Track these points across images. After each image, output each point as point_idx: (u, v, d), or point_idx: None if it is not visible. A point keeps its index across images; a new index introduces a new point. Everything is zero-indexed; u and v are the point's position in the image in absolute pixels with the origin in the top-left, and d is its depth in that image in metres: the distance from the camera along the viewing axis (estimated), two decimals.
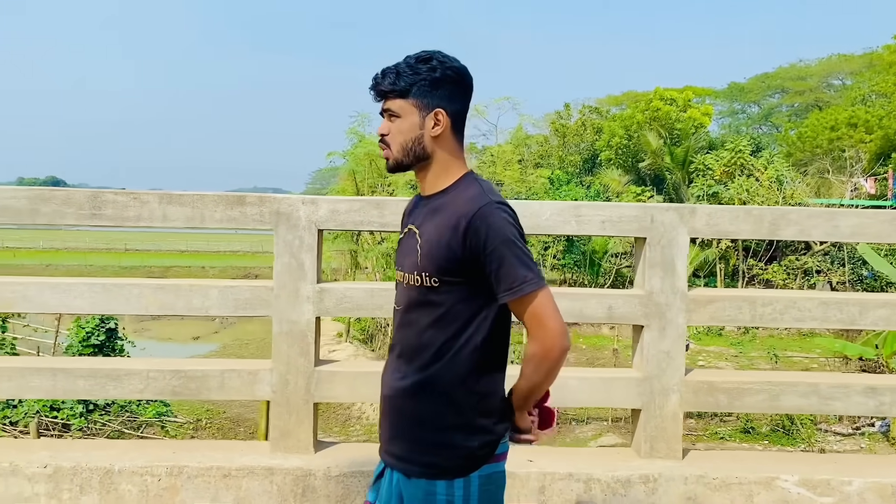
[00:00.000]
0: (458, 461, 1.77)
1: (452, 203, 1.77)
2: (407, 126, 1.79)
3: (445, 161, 1.82)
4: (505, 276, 1.69)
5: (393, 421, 1.86)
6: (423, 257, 1.77)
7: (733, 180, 26.77)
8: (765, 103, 59.51)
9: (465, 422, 1.78)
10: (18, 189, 3.03)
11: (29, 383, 3.06)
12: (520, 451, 3.15)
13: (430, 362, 1.78)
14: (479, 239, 1.69)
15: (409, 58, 1.80)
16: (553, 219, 3.07)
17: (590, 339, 23.21)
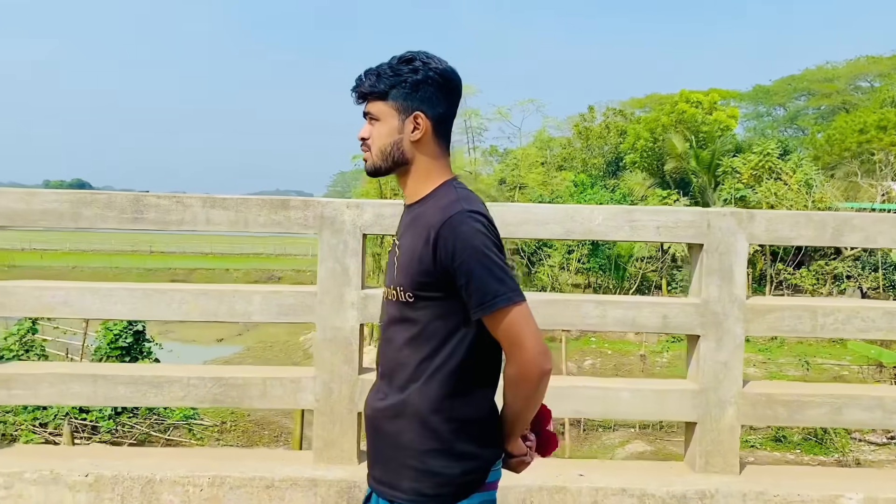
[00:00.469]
0: (442, 489, 1.65)
1: (427, 213, 1.67)
2: (386, 130, 1.70)
3: (426, 167, 1.72)
4: (475, 290, 1.57)
5: (375, 443, 1.76)
6: (399, 271, 1.69)
7: (761, 184, 26.39)
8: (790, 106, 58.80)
9: (445, 448, 1.66)
10: (61, 192, 2.99)
11: (70, 389, 3.02)
12: (571, 466, 3.06)
13: (407, 383, 1.68)
14: (447, 251, 1.58)
15: (393, 59, 1.72)
16: (605, 224, 2.97)
17: (615, 345, 22.97)
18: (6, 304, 3.00)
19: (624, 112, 38.09)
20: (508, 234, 3.01)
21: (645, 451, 13.86)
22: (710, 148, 29.84)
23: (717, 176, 28.17)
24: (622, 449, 14.17)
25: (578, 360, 20.69)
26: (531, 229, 2.99)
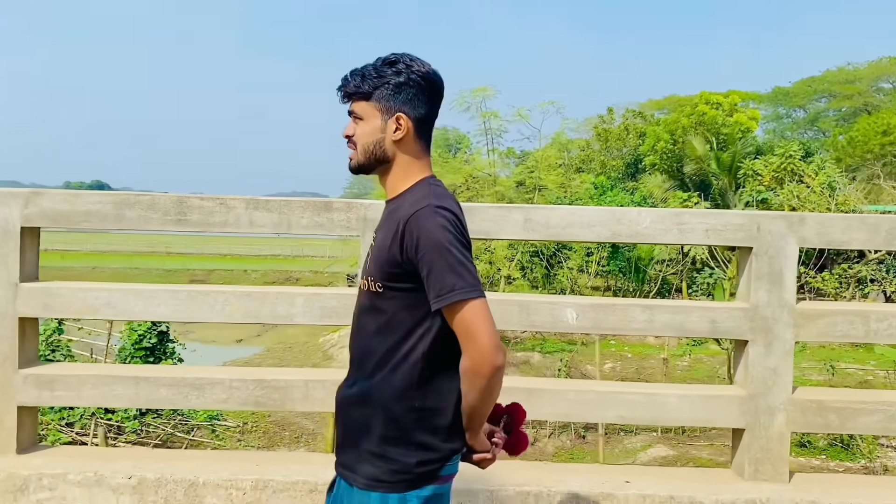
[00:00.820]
0: (396, 476, 1.70)
1: (400, 208, 1.73)
2: (369, 129, 1.77)
3: (406, 165, 1.78)
4: (434, 283, 1.63)
5: (342, 429, 1.81)
6: (371, 262, 1.77)
7: (783, 186, 26.13)
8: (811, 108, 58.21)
9: (404, 436, 1.71)
10: (104, 194, 2.99)
11: (112, 391, 3.01)
12: (616, 472, 3.01)
13: (373, 371, 1.74)
14: (412, 244, 1.65)
15: (377, 60, 1.78)
16: (653, 227, 2.93)
17: (635, 348, 22.80)
18: (51, 306, 3.01)
19: (643, 114, 37.86)
20: (553, 236, 2.97)
21: (667, 456, 13.74)
22: (730, 150, 29.60)
23: (738, 178, 27.93)
24: (644, 453, 14.05)
25: (599, 364, 20.50)
26: (577, 232, 2.95)
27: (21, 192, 2.99)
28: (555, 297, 3.06)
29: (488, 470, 2.98)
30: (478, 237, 3.01)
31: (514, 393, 2.96)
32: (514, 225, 2.95)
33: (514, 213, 2.96)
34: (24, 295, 2.99)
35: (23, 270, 3.01)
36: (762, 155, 30.06)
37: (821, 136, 53.07)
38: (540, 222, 2.94)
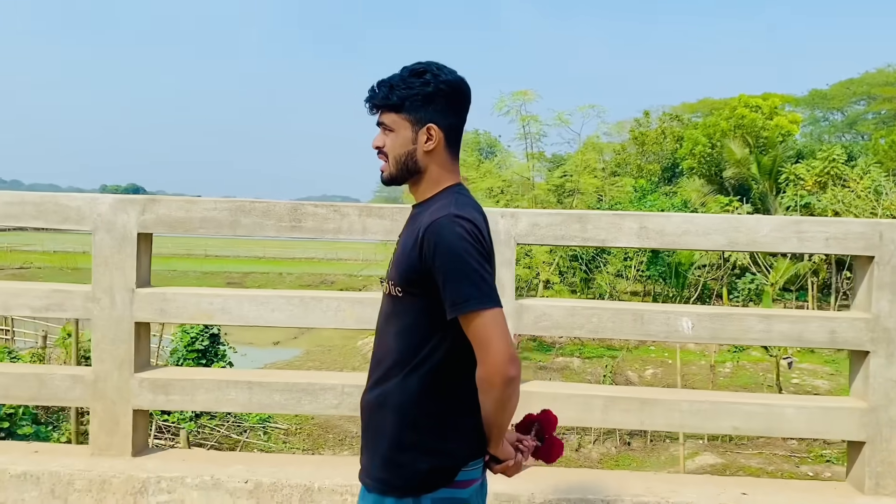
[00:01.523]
0: (408, 481, 1.70)
1: (424, 213, 1.74)
2: (400, 141, 1.76)
3: (437, 175, 1.78)
4: (449, 292, 1.63)
5: (363, 432, 1.82)
6: (393, 266, 1.77)
7: (825, 191, 25.69)
8: (849, 111, 57.20)
9: (418, 442, 1.71)
10: (220, 200, 3.03)
11: (226, 396, 3.04)
12: (731, 484, 2.97)
13: (390, 375, 1.74)
14: (430, 251, 1.64)
15: (404, 70, 1.77)
16: (772, 235, 2.88)
17: (675, 354, 22.52)
18: (167, 311, 3.05)
19: (680, 117, 37.49)
20: (668, 244, 2.95)
21: (716, 464, 13.56)
22: (771, 154, 29.19)
23: (780, 183, 27.51)
24: (691, 461, 13.87)
25: (639, 370, 20.37)
26: (693, 240, 2.92)
27: (138, 199, 3.05)
28: (670, 305, 3.02)
29: (601, 480, 2.97)
30: (590, 244, 2.99)
31: (626, 402, 2.95)
32: (628, 233, 2.93)
33: (627, 222, 2.93)
34: (141, 300, 3.04)
35: (138, 276, 3.06)
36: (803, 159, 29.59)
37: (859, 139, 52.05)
38: (655, 230, 2.92)
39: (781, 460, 13.87)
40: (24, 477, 2.93)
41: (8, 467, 2.94)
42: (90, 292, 3.06)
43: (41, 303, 3.07)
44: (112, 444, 3.06)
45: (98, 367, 3.06)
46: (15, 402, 3.22)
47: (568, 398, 2.98)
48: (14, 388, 3.08)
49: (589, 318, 2.95)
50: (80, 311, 3.08)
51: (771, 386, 18.40)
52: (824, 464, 13.56)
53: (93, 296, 3.05)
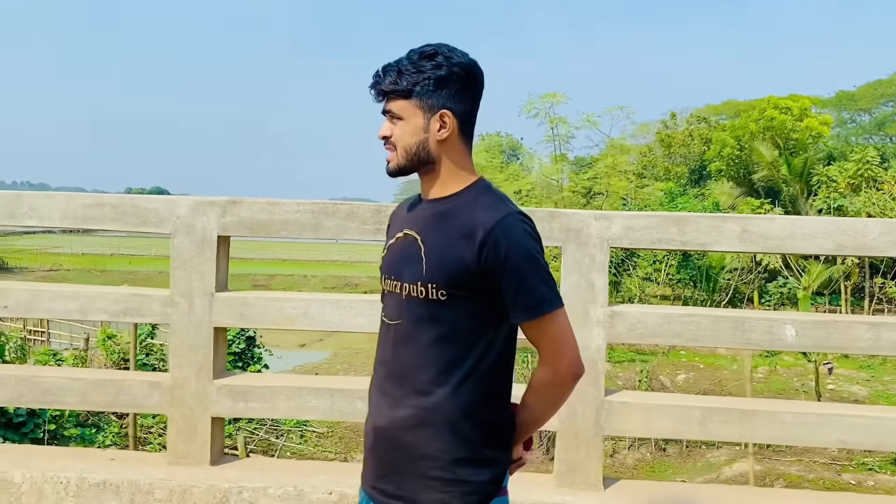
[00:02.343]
0: (470, 498, 1.57)
1: (465, 210, 1.59)
2: (411, 129, 1.61)
3: (453, 164, 1.63)
4: (524, 294, 1.54)
5: (385, 456, 1.64)
6: (431, 267, 1.57)
7: (859, 193, 25.25)
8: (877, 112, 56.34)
9: (474, 455, 1.59)
10: (303, 203, 2.94)
11: (307, 403, 2.96)
12: (850, 500, 2.83)
13: (430, 387, 1.58)
14: (498, 252, 1.52)
15: (412, 53, 1.62)
16: (882, 239, 2.74)
17: (706, 359, 22.27)
18: (247, 316, 2.97)
19: (707, 119, 37.11)
20: (772, 248, 2.82)
21: (755, 471, 13.29)
22: (801, 156, 28.78)
23: (812, 185, 27.10)
24: (728, 468, 13.64)
25: (671, 375, 20.11)
26: (798, 244, 2.79)
27: (219, 202, 2.97)
28: (772, 313, 2.90)
29: (701, 495, 2.85)
30: (688, 248, 2.88)
31: (725, 414, 2.83)
32: (729, 237, 2.80)
33: (729, 224, 2.81)
34: (220, 305, 2.96)
35: (217, 280, 2.98)
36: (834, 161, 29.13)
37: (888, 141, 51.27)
38: (757, 234, 2.79)
39: (822, 468, 13.60)
40: (104, 486, 2.86)
41: (87, 475, 2.88)
42: (168, 297, 2.98)
43: (119, 307, 3.01)
44: (190, 452, 2.99)
45: (176, 374, 2.99)
46: (92, 408, 3.17)
47: (663, 409, 2.86)
48: (92, 393, 3.01)
49: (686, 326, 2.83)
50: (158, 315, 3.01)
51: (807, 392, 18.11)
52: (867, 472, 13.27)
53: (171, 300, 2.98)
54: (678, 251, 19.74)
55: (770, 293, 24.21)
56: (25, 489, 2.87)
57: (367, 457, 1.70)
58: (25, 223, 3.01)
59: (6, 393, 3.03)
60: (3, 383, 3.03)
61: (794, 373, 20.45)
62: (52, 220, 3.00)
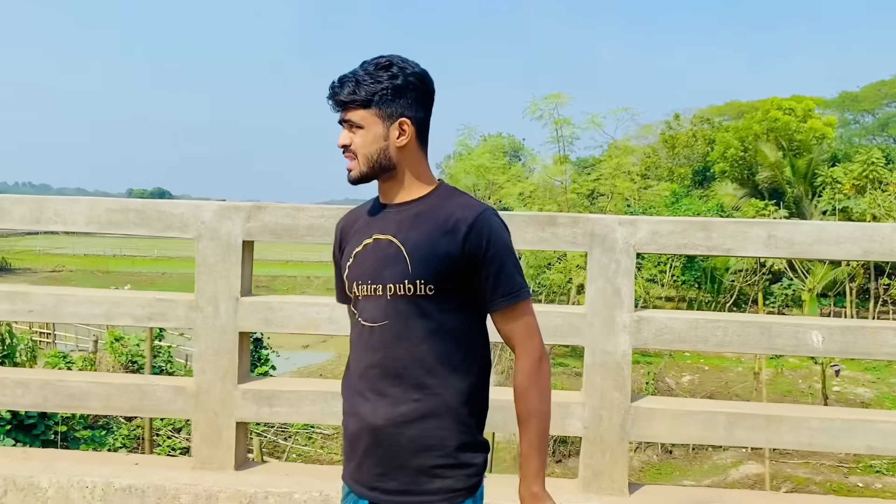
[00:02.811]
0: (471, 480, 1.67)
1: (441, 209, 1.68)
2: (371, 137, 1.67)
3: (413, 169, 1.72)
4: (504, 281, 1.65)
5: (386, 454, 1.67)
6: (416, 264, 1.64)
7: (864, 194, 25.23)
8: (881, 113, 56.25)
9: (473, 439, 1.69)
10: (326, 208, 2.95)
11: (332, 408, 2.95)
12: None
13: (431, 380, 1.65)
14: (480, 242, 1.63)
15: (367, 64, 1.68)
16: None
17: (711, 361, 22.25)
18: (272, 320, 2.98)
19: (710, 120, 37.08)
20: (798, 253, 2.82)
21: (761, 473, 13.28)
22: (806, 157, 28.75)
23: (816, 186, 27.07)
24: (735, 470, 13.62)
25: (676, 376, 20.09)
26: (824, 249, 2.78)
27: (244, 207, 2.97)
28: (799, 318, 2.91)
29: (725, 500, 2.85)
30: (714, 253, 2.87)
31: (752, 419, 2.82)
32: (755, 241, 2.80)
33: (755, 229, 2.80)
34: (245, 309, 2.96)
35: (242, 284, 2.98)
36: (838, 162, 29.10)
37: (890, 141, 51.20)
38: (784, 239, 2.78)
39: (829, 470, 13.58)
40: (130, 490, 2.86)
41: (113, 480, 2.88)
42: (193, 301, 2.99)
43: (144, 312, 3.01)
44: (214, 457, 2.99)
45: (200, 378, 2.99)
46: (116, 412, 3.16)
47: (689, 415, 2.85)
48: (116, 398, 3.01)
49: (713, 332, 2.82)
50: (182, 320, 3.01)
51: (813, 393, 18.08)
52: (874, 475, 13.25)
53: (196, 305, 2.98)
54: (706, 255, 19.81)
55: (775, 295, 24.19)
56: (52, 494, 2.87)
57: (360, 460, 1.72)
58: (50, 227, 3.02)
59: (31, 397, 3.03)
60: (27, 388, 3.03)
61: (800, 375, 20.43)
62: (76, 224, 3.01)
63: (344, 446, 1.81)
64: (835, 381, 19.10)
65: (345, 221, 1.86)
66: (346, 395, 1.79)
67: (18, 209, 3.01)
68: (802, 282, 23.10)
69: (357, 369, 1.74)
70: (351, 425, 1.74)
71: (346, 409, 1.78)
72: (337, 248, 1.86)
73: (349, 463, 1.76)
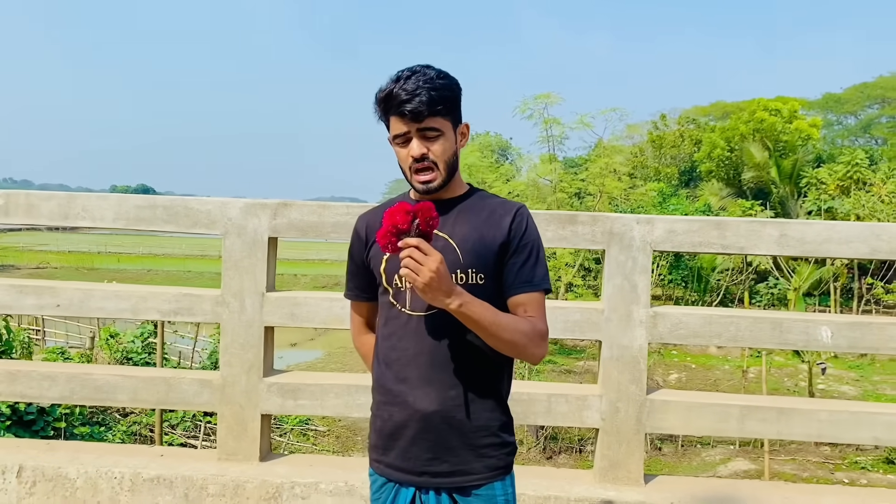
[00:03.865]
0: (509, 458, 1.80)
1: (483, 205, 1.81)
2: (448, 144, 1.75)
3: (458, 171, 1.83)
4: (531, 268, 1.75)
5: (436, 438, 1.74)
6: (467, 255, 1.73)
7: (848, 195, 25.56)
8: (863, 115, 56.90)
9: (509, 419, 1.82)
10: (351, 206, 3.01)
11: (356, 401, 3.03)
12: (867, 495, 2.93)
13: (477, 365, 1.75)
14: (520, 232, 1.75)
15: (426, 74, 1.71)
16: None
17: (697, 359, 22.49)
18: (297, 315, 3.04)
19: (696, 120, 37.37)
20: (809, 252, 2.91)
21: (749, 470, 13.48)
22: (791, 158, 29.06)
23: (802, 187, 27.39)
24: (724, 466, 13.80)
25: (663, 374, 20.31)
26: (834, 248, 2.88)
27: (270, 204, 3.03)
28: (809, 314, 3.00)
29: (737, 490, 2.94)
30: (729, 252, 2.97)
31: (764, 412, 2.92)
32: (768, 240, 2.90)
33: (768, 229, 2.90)
34: (271, 304, 3.02)
35: (268, 280, 3.04)
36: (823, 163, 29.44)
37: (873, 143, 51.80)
38: (795, 237, 2.89)
39: (816, 466, 13.78)
40: (158, 481, 2.92)
41: (140, 471, 2.94)
42: (220, 296, 3.04)
43: (170, 307, 3.06)
44: (240, 448, 3.05)
45: (226, 372, 3.05)
46: (142, 405, 3.20)
47: (703, 407, 2.95)
48: (142, 391, 3.06)
49: (727, 327, 2.92)
50: (209, 315, 3.06)
51: (799, 391, 18.32)
52: (859, 471, 13.47)
53: (222, 300, 3.04)
54: (720, 254, 19.99)
55: (760, 294, 24.46)
56: (80, 484, 2.92)
57: (406, 447, 1.76)
58: (78, 224, 3.07)
59: (58, 390, 3.08)
60: (54, 380, 3.08)
61: (785, 373, 20.69)
62: (104, 220, 3.05)
63: (378, 440, 1.84)
64: (820, 379, 19.37)
65: (369, 218, 1.90)
66: (385, 384, 1.81)
67: (47, 205, 3.05)
68: (788, 281, 23.39)
69: (402, 357, 1.78)
70: (396, 414, 1.78)
71: (386, 399, 1.81)
72: (361, 244, 1.88)
73: (388, 453, 1.80)
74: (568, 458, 14.16)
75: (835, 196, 26.57)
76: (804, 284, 23.15)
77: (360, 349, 2.03)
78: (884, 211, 23.53)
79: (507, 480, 1.78)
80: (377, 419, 1.84)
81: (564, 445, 14.72)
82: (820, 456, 14.06)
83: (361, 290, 1.92)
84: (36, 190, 3.15)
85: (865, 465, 13.66)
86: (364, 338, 1.99)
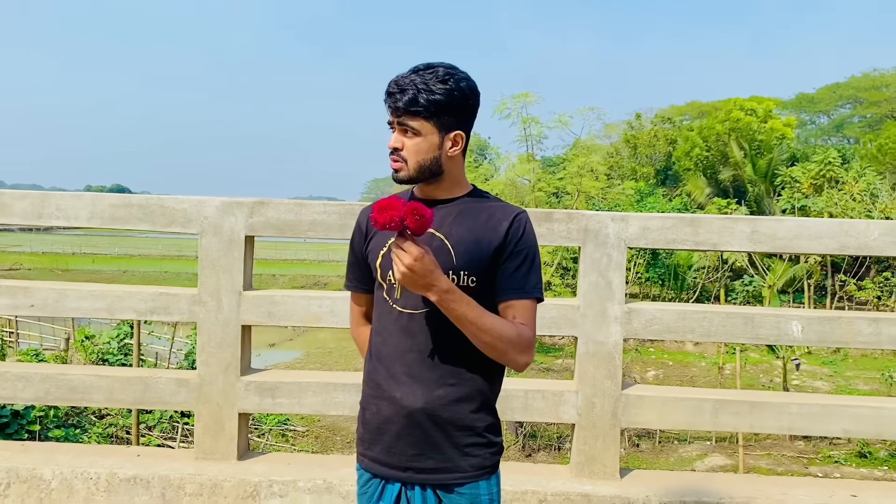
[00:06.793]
0: (495, 457, 1.81)
1: (482, 208, 1.80)
2: (426, 146, 1.73)
3: (457, 175, 1.82)
4: (525, 275, 1.75)
5: (421, 435, 1.76)
6: (461, 256, 1.74)
7: (821, 193, 25.95)
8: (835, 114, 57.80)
9: (496, 420, 1.83)
10: (329, 204, 3.02)
11: (333, 399, 3.04)
12: (838, 486, 2.99)
13: (465, 365, 1.76)
14: (516, 238, 1.75)
15: (427, 74, 1.71)
16: (882, 240, 2.91)
17: (674, 356, 22.72)
18: (275, 314, 3.04)
19: (672, 119, 37.71)
20: (780, 248, 2.97)
21: (725, 465, 13.63)
22: (766, 157, 29.43)
23: (777, 185, 27.75)
24: (701, 462, 13.94)
25: (640, 371, 20.49)
26: (804, 244, 2.94)
27: (246, 202, 3.03)
28: (780, 309, 3.07)
29: (710, 483, 2.99)
30: (701, 248, 3.01)
31: (737, 406, 2.97)
32: (740, 237, 2.95)
33: (739, 225, 2.96)
34: (248, 303, 3.02)
35: (245, 279, 3.04)
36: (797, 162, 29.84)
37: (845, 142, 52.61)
38: (767, 234, 2.94)
39: (790, 461, 13.99)
40: (134, 481, 2.91)
41: (117, 471, 2.92)
42: (196, 295, 3.04)
43: (146, 306, 3.05)
44: (217, 447, 3.04)
45: (203, 371, 3.04)
46: (118, 405, 3.18)
47: (677, 402, 3.00)
48: (119, 391, 3.05)
49: (700, 322, 2.97)
50: (186, 314, 3.05)
51: (773, 387, 18.57)
52: (833, 465, 13.70)
53: (199, 299, 3.03)
54: (693, 250, 20.11)
55: (736, 291, 24.74)
56: (55, 485, 2.90)
57: (391, 442, 1.78)
58: (52, 223, 3.04)
59: (33, 391, 3.05)
60: (28, 381, 3.05)
61: (761, 369, 20.96)
62: (79, 220, 3.03)
63: (365, 432, 1.85)
64: (794, 375, 19.65)
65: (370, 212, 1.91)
66: (375, 379, 1.82)
67: (20, 204, 3.03)
68: (763, 279, 23.72)
69: (392, 353, 1.79)
70: (384, 409, 1.79)
71: (375, 393, 1.82)
72: (361, 236, 1.90)
73: (373, 447, 1.82)
74: (547, 455, 14.24)
75: (808, 194, 26.97)
76: (779, 282, 23.50)
77: (357, 339, 2.04)
78: (856, 209, 23.93)
79: (493, 480, 1.80)
80: (365, 411, 1.86)
81: (543, 443, 14.80)
82: (794, 451, 14.27)
83: (361, 281, 1.93)
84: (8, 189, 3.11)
85: (839, 460, 13.89)
86: (361, 329, 2.00)
